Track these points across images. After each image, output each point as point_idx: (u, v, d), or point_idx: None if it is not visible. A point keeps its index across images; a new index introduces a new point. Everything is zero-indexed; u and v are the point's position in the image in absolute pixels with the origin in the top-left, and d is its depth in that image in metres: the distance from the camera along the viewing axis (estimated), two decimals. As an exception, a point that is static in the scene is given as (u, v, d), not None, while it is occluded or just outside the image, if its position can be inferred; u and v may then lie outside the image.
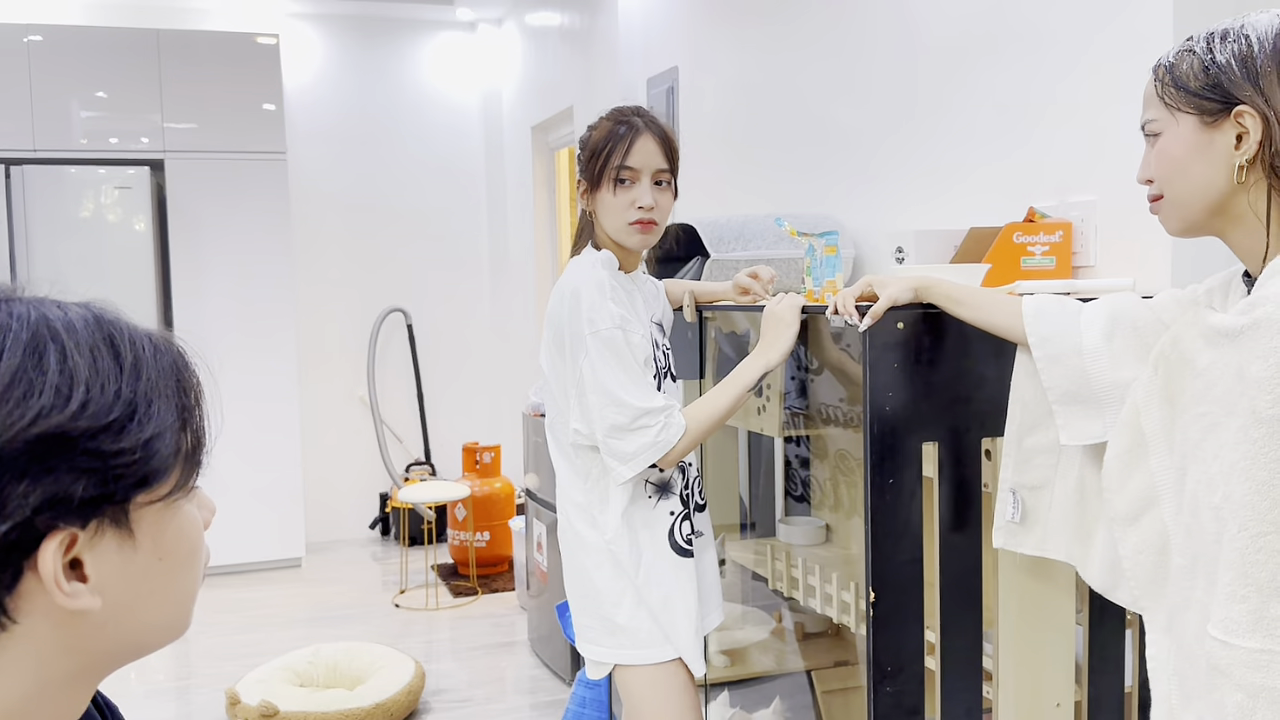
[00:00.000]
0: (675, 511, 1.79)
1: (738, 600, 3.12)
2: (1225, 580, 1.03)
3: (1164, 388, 1.20)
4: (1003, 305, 1.51)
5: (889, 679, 1.66)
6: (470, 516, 4.86)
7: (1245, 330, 1.04)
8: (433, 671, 3.80)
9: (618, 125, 1.76)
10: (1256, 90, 1.07)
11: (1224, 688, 1.04)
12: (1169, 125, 1.14)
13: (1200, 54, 1.11)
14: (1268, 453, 1.00)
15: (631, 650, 1.74)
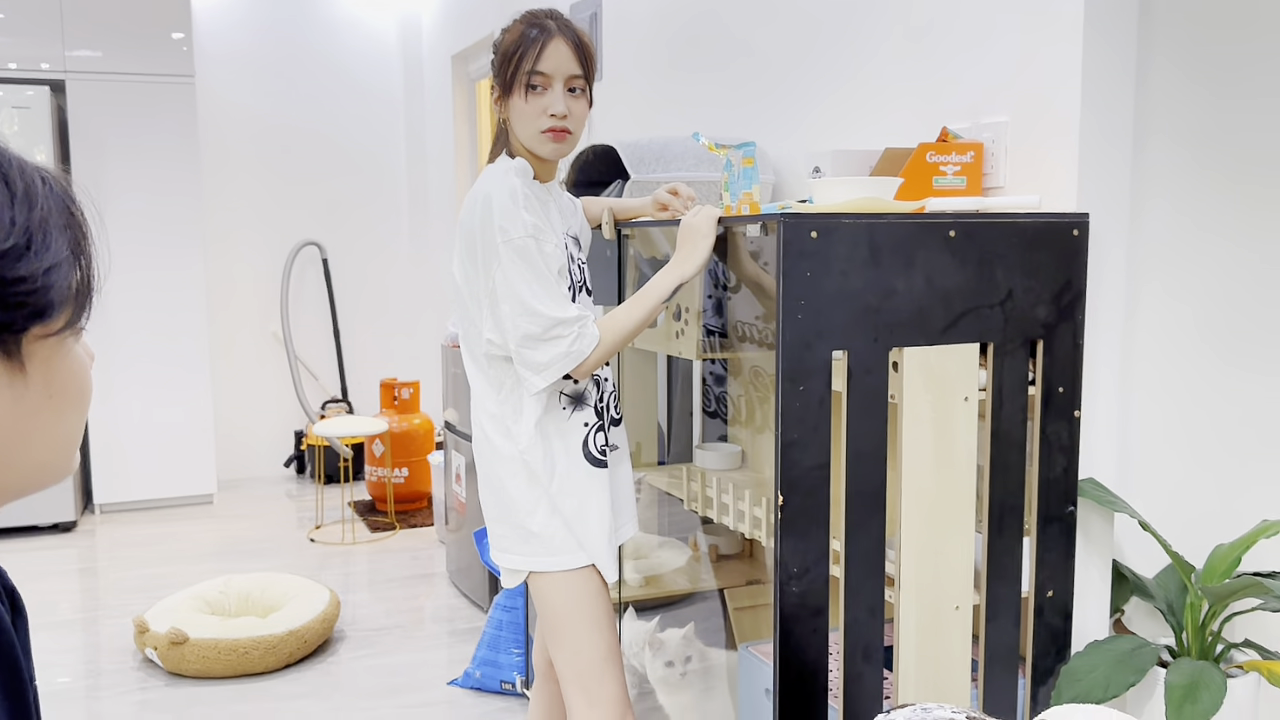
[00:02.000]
0: (590, 423, 1.80)
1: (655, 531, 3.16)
2: None
3: None
4: None
5: (795, 580, 1.71)
6: (388, 453, 4.82)
7: None
8: (350, 602, 3.78)
9: (529, 28, 1.73)
10: None
11: None
12: None
13: None
14: None
15: (545, 557, 1.76)
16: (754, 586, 2.75)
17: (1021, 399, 1.85)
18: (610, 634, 1.78)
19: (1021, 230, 1.80)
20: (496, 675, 2.99)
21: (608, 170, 2.61)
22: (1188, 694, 1.83)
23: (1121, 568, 2.09)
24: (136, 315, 4.88)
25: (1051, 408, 1.88)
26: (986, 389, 1.83)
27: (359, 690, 3.04)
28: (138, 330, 4.89)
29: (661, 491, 3.01)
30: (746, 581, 2.78)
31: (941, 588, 1.82)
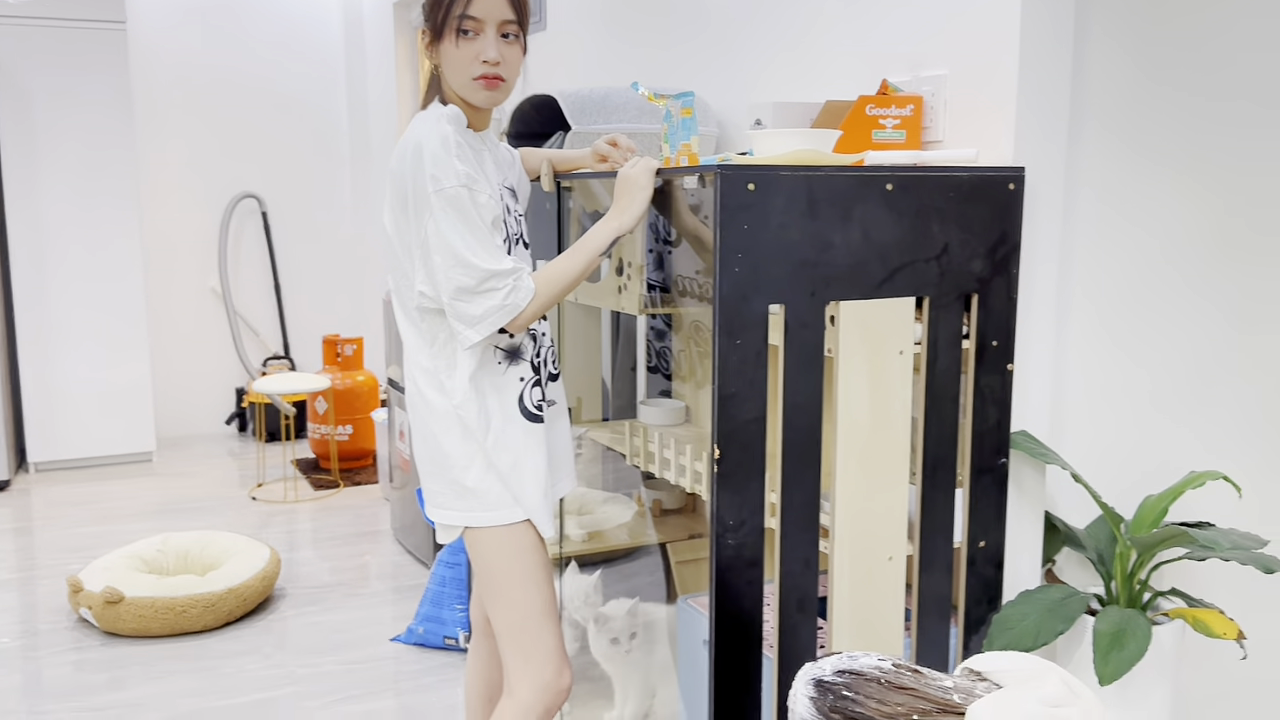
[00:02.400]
0: (525, 378, 1.78)
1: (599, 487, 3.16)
2: None
3: None
4: None
5: (731, 532, 1.71)
6: (331, 410, 4.76)
7: None
8: (292, 560, 3.75)
9: None
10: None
11: None
12: None
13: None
14: None
15: (480, 512, 1.74)
16: (696, 540, 2.76)
17: (956, 353, 1.86)
18: (547, 589, 1.78)
19: (958, 184, 1.80)
20: (440, 631, 2.98)
21: (546, 122, 2.57)
22: (1114, 641, 1.87)
23: (1053, 519, 2.13)
24: (70, 269, 4.75)
25: (985, 361, 1.89)
26: (921, 343, 1.84)
27: (301, 647, 3.02)
28: (72, 285, 4.76)
29: (604, 448, 3.01)
30: (689, 536, 2.79)
31: (875, 539, 1.83)
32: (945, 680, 1.38)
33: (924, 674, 1.38)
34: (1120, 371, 2.21)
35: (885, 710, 1.33)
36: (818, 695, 1.37)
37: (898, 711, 1.33)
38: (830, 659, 1.41)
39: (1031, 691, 1.29)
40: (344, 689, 2.76)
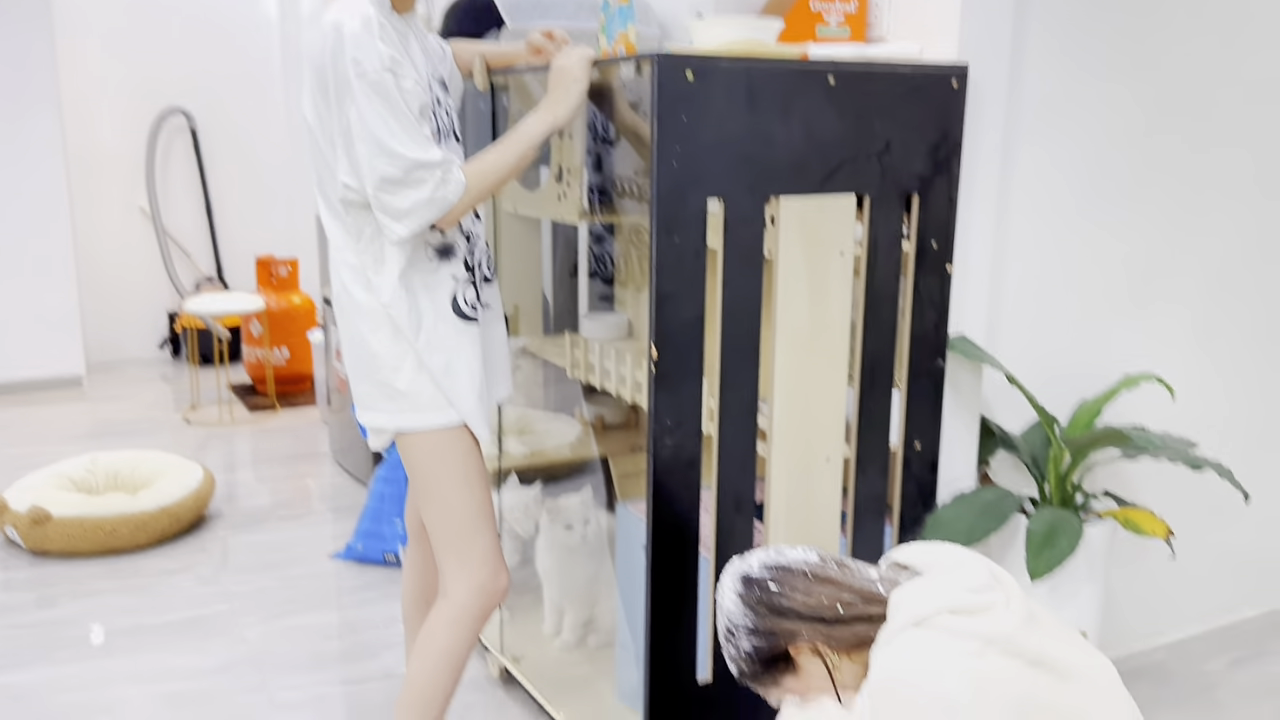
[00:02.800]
0: (458, 276, 1.72)
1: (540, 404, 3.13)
2: None
3: None
4: None
5: (668, 434, 1.69)
6: (266, 333, 4.64)
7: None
8: (227, 482, 3.68)
9: None
10: (783, 637, 1.34)
11: None
12: (780, 690, 1.40)
13: (738, 657, 1.38)
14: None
15: (413, 415, 1.69)
16: (638, 454, 2.75)
17: (896, 254, 1.84)
18: (482, 492, 1.75)
19: (901, 80, 1.76)
20: (379, 547, 2.95)
21: (479, 22, 2.47)
22: (1046, 539, 1.90)
23: (989, 423, 2.14)
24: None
25: (925, 262, 1.88)
26: (862, 243, 1.82)
27: (237, 565, 2.98)
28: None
29: (546, 366, 2.97)
30: (631, 449, 2.78)
31: (813, 441, 1.83)
32: (870, 571, 1.39)
33: (849, 566, 1.39)
34: (1058, 276, 2.22)
35: (810, 602, 1.34)
36: (745, 590, 1.38)
37: (822, 603, 1.34)
38: (757, 554, 1.41)
39: (954, 579, 1.30)
40: (281, 605, 2.73)
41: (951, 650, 1.21)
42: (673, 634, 1.77)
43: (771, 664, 1.37)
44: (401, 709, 1.74)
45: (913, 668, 1.22)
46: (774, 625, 1.35)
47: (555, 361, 2.49)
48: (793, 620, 1.34)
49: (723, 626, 1.40)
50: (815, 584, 1.37)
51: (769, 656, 1.36)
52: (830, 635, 1.34)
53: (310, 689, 2.33)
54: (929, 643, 1.23)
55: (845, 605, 1.35)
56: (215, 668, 2.41)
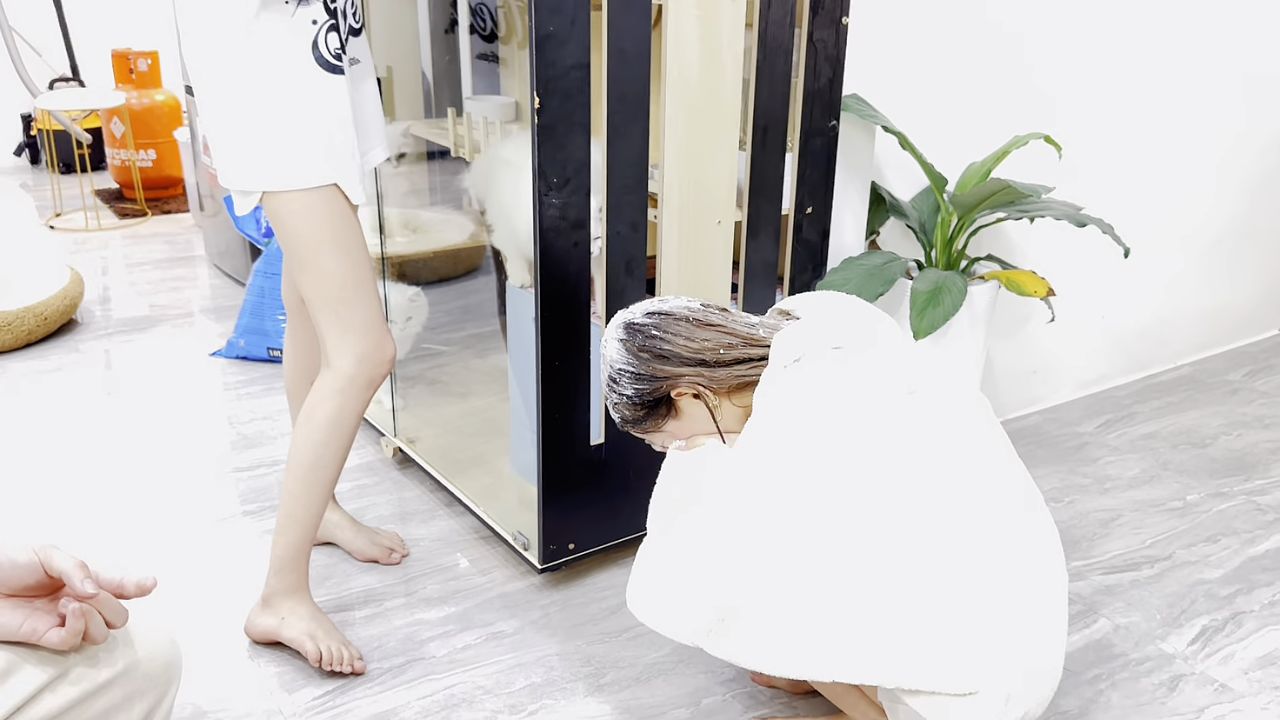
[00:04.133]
0: (319, 20, 1.58)
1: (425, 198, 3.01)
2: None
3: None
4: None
5: (554, 191, 1.62)
6: (129, 133, 4.33)
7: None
8: (98, 286, 3.49)
9: None
10: (665, 378, 1.35)
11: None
12: (662, 434, 1.41)
13: (620, 402, 1.38)
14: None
15: (279, 174, 1.58)
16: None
17: (790, 2, 1.75)
18: (360, 255, 1.66)
19: None
20: (262, 343, 2.86)
21: None
22: (930, 299, 1.92)
23: (880, 189, 2.13)
24: None
25: (820, 13, 1.80)
26: (755, -10, 1.73)
27: (113, 365, 2.86)
28: None
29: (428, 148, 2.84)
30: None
31: (703, 202, 1.78)
32: (752, 318, 1.38)
33: (732, 313, 1.38)
34: (956, 32, 2.17)
35: (693, 346, 1.34)
36: (627, 337, 1.37)
37: (705, 346, 1.34)
38: (641, 304, 1.39)
39: (835, 320, 1.30)
40: (162, 402, 2.64)
41: (834, 381, 1.22)
42: (565, 399, 1.76)
43: (654, 408, 1.37)
44: (290, 477, 1.71)
45: (797, 400, 1.22)
46: (655, 369, 1.35)
47: (439, 142, 2.37)
48: (674, 364, 1.34)
49: (605, 375, 1.39)
50: (697, 328, 1.36)
51: (651, 400, 1.36)
52: (712, 377, 1.34)
53: (197, 477, 2.28)
54: (812, 376, 1.23)
55: (726, 348, 1.34)
56: (93, 462, 2.34)
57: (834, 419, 1.20)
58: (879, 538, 1.20)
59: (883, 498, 1.20)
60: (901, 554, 1.20)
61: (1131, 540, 2.11)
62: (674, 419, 1.38)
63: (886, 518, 1.20)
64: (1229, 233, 2.87)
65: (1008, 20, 2.21)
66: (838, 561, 1.19)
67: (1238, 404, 2.74)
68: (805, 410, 1.21)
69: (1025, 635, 1.24)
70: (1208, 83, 2.61)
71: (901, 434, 1.21)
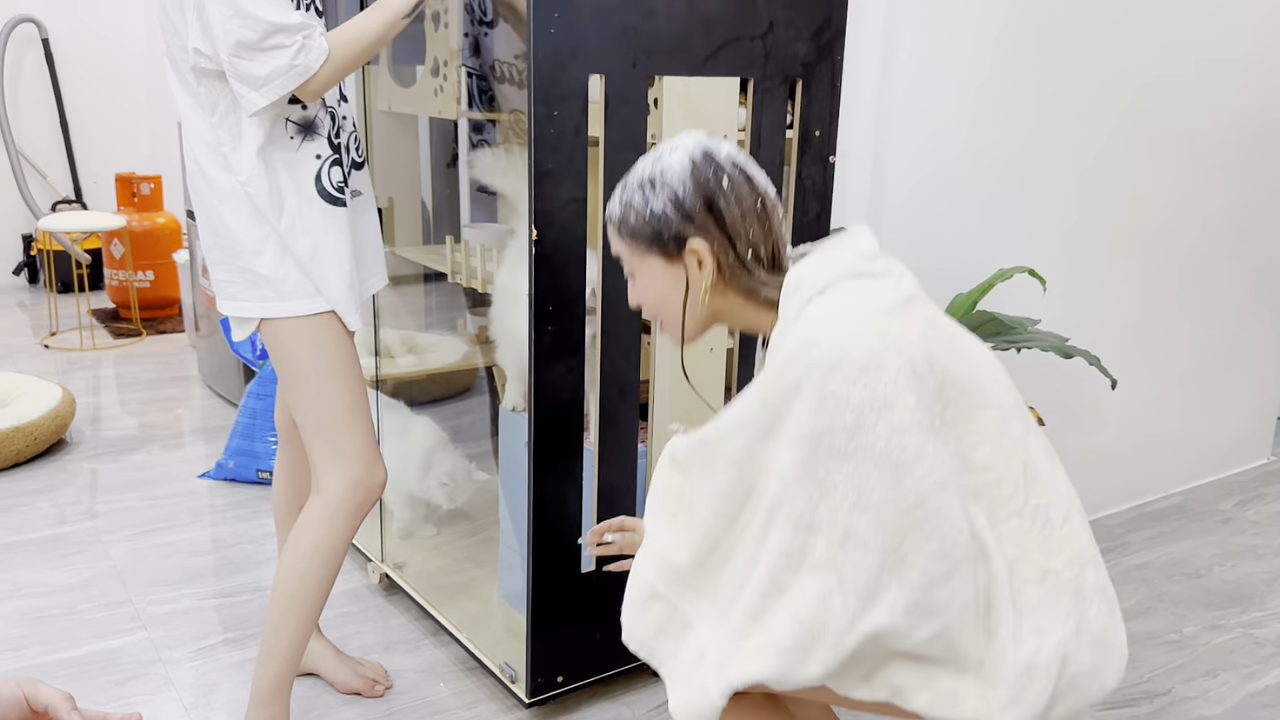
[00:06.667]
0: (323, 155, 1.63)
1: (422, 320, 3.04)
2: (889, 600, 1.13)
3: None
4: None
5: (550, 319, 1.64)
6: (129, 254, 4.40)
7: (786, 400, 1.14)
8: (90, 405, 3.49)
9: None
10: (697, 228, 1.22)
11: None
12: (640, 264, 1.28)
13: (639, 207, 1.25)
14: (869, 477, 1.13)
15: (277, 302, 1.61)
16: (521, 362, 2.70)
17: (779, 142, 1.82)
18: (355, 381, 1.67)
19: (785, -40, 1.72)
20: (252, 464, 2.84)
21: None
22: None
23: (870, 319, 2.16)
24: None
25: (808, 152, 1.86)
26: (745, 129, 1.79)
27: (101, 485, 2.83)
28: None
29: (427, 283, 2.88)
30: (514, 358, 2.72)
31: (697, 331, 1.81)
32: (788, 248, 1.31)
33: (779, 231, 1.28)
34: (937, 170, 2.24)
35: (738, 227, 1.24)
36: (701, 162, 1.24)
37: (749, 232, 1.24)
38: (732, 146, 1.28)
39: (848, 249, 1.24)
40: (148, 523, 2.61)
41: (862, 310, 1.15)
42: (556, 526, 1.75)
43: (662, 240, 1.24)
44: (274, 606, 1.68)
45: (829, 332, 1.14)
46: (696, 210, 1.22)
47: (436, 268, 2.41)
48: (715, 223, 1.22)
49: (646, 174, 1.25)
50: (756, 212, 1.24)
51: (667, 231, 1.23)
52: (729, 264, 1.23)
53: (180, 602, 2.23)
54: (839, 307, 1.16)
55: (758, 249, 1.25)
56: (78, 583, 2.30)
57: (872, 357, 1.12)
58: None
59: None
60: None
61: (1129, 674, 2.07)
62: (664, 265, 1.26)
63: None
64: (1215, 361, 2.91)
65: (993, 154, 2.29)
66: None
67: (1230, 533, 2.73)
68: (844, 351, 1.12)
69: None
70: (1190, 214, 2.69)
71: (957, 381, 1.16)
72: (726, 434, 1.19)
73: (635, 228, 1.25)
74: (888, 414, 1.11)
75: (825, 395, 1.11)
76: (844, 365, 1.11)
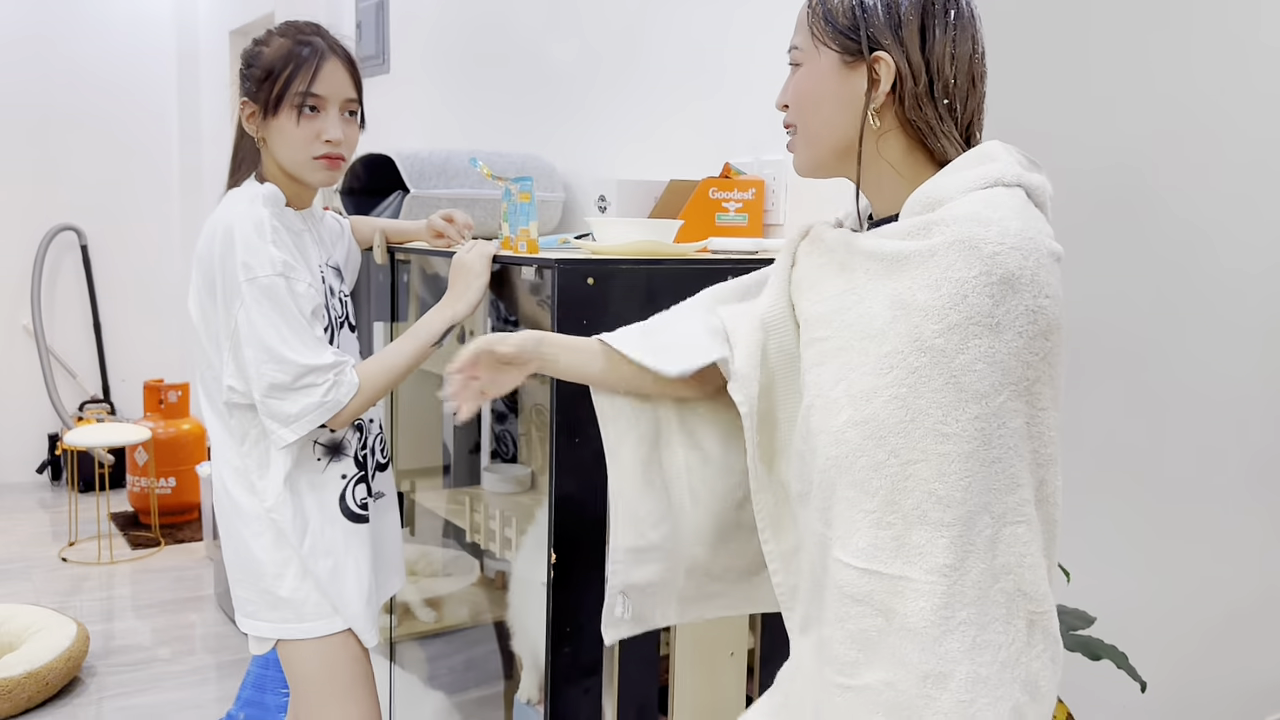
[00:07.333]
0: (348, 474, 1.66)
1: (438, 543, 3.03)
2: (867, 508, 1.00)
3: (792, 318, 1.18)
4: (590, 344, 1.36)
5: (567, 640, 1.63)
6: (152, 461, 4.44)
7: (913, 256, 1.00)
8: (106, 631, 3.46)
9: (299, 45, 1.56)
10: (896, 40, 1.05)
11: (856, 615, 1.01)
12: (811, 57, 1.11)
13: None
14: (928, 381, 0.97)
15: (295, 624, 1.61)
16: (538, 616, 2.67)
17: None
18: (368, 703, 1.66)
19: (800, 275, 1.78)
20: (262, 718, 2.78)
21: (379, 179, 2.45)
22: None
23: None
24: None
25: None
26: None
27: (107, 737, 2.78)
28: None
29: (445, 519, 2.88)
30: (531, 610, 2.69)
31: (716, 635, 1.79)
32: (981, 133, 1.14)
33: (980, 102, 1.12)
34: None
35: (943, 66, 1.06)
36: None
37: (952, 78, 1.07)
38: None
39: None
40: (154, 786, 2.54)
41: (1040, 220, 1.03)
42: None
43: (850, 33, 1.07)
44: None
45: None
46: (909, 23, 1.05)
47: (455, 522, 2.42)
48: (919, 46, 1.05)
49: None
50: (969, 62, 1.07)
51: (861, 27, 1.06)
52: (914, 94, 1.06)
53: None
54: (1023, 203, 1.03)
55: (954, 101, 1.07)
56: None
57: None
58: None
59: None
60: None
61: None
62: (839, 66, 1.08)
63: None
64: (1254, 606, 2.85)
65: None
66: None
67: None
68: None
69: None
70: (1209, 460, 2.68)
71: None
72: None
73: (831, 11, 1.08)
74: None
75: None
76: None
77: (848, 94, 1.08)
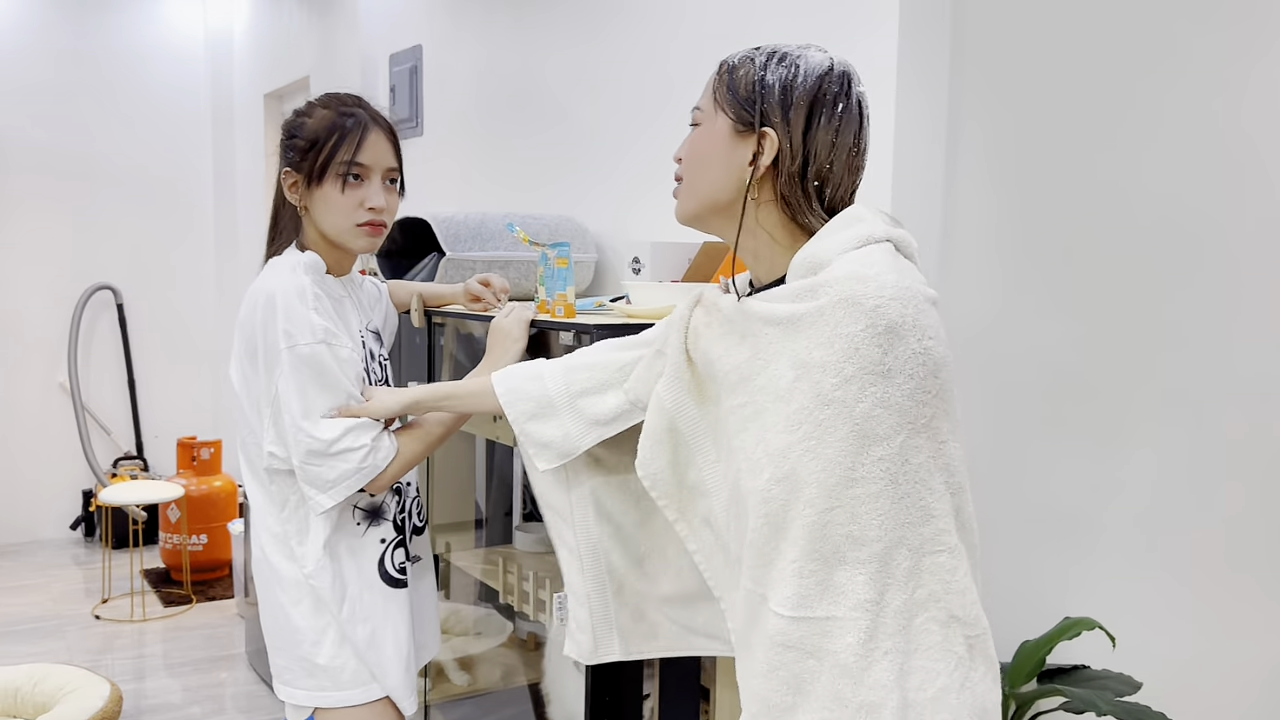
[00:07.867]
0: (387, 539, 1.65)
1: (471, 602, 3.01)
2: (791, 557, 1.04)
3: (695, 389, 1.24)
4: (477, 385, 1.53)
5: (606, 711, 1.61)
6: (185, 518, 4.47)
7: (805, 317, 1.06)
8: (138, 691, 3.45)
9: (342, 116, 1.59)
10: (784, 120, 1.13)
11: (790, 661, 1.04)
12: (709, 119, 1.19)
13: (757, 66, 1.16)
14: (834, 431, 1.02)
15: (334, 692, 1.60)
16: (572, 678, 2.64)
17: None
18: (406, 771, 1.64)
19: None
20: (295, 780, 2.76)
21: (414, 242, 2.48)
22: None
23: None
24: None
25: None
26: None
27: (138, 802, 2.76)
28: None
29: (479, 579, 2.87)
30: (564, 672, 2.67)
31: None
32: None
33: (851, 188, 1.19)
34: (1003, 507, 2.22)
35: (821, 151, 1.13)
36: (835, 78, 1.14)
37: (827, 164, 1.14)
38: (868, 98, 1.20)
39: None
40: None
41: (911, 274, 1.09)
42: None
43: (746, 105, 1.15)
44: None
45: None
46: (798, 108, 1.13)
47: (488, 582, 2.41)
48: (802, 131, 1.13)
49: (785, 50, 1.16)
50: (846, 153, 1.15)
51: (756, 102, 1.14)
52: (789, 172, 1.13)
53: None
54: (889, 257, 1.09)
55: (824, 184, 1.15)
56: None
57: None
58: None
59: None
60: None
61: None
62: (730, 132, 1.16)
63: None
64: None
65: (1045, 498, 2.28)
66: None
67: None
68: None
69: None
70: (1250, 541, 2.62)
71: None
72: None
73: (735, 83, 1.16)
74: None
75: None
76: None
77: (734, 160, 1.17)
